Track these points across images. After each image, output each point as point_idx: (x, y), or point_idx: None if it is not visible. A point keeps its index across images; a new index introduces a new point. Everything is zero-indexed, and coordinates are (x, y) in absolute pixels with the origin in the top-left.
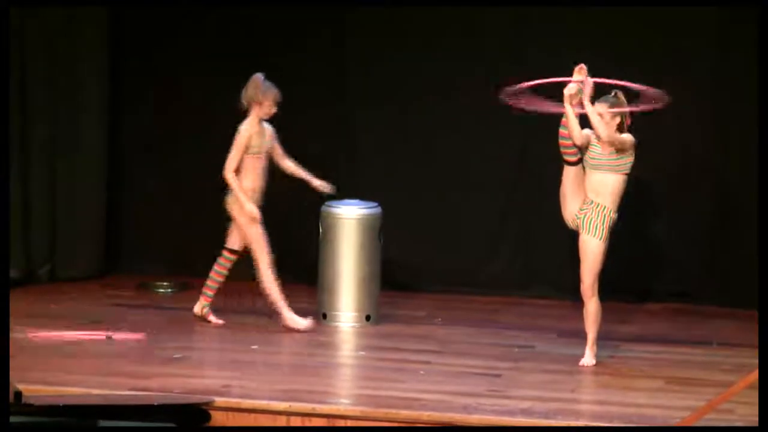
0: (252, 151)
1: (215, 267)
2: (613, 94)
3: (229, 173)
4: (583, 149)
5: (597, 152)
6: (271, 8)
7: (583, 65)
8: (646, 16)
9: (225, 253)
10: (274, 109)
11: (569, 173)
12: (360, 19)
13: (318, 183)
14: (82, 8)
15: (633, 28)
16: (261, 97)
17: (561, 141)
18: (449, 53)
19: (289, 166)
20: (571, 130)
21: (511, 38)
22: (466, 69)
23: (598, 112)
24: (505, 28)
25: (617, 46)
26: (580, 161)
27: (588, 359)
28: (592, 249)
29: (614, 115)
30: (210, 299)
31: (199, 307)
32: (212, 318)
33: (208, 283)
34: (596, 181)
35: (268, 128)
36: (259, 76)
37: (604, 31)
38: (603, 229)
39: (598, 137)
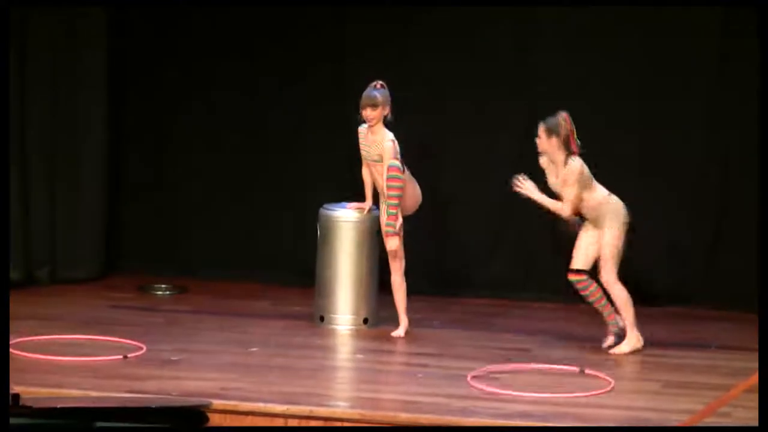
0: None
1: None
2: (555, 116)
3: None
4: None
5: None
6: (273, 9)
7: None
8: (645, 16)
9: None
10: (363, 113)
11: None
12: (361, 22)
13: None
14: (83, 9)
15: (632, 28)
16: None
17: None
18: (449, 54)
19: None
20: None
21: (512, 39)
22: (464, 69)
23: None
24: (507, 28)
25: (617, 45)
26: None
27: (632, 343)
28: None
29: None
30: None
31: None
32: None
33: None
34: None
35: (374, 135)
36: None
37: (603, 31)
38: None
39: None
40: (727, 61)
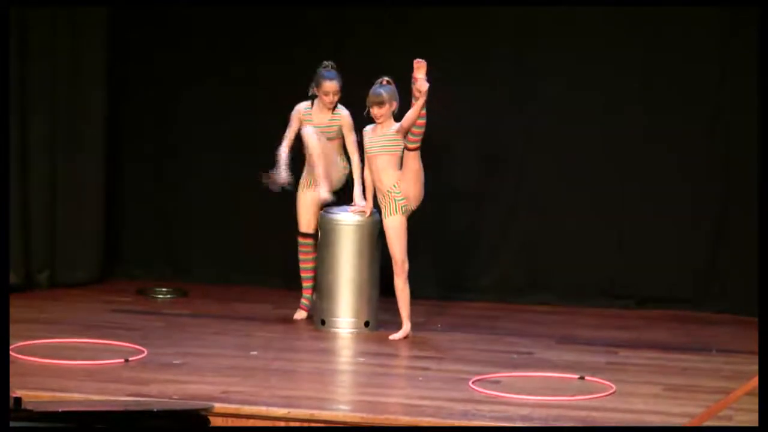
0: None
1: None
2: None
3: None
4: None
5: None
6: (273, 9)
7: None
8: (646, 17)
9: None
10: (372, 111)
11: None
12: (361, 21)
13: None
14: (83, 9)
15: (633, 28)
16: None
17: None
18: (448, 54)
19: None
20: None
21: (513, 39)
22: (463, 69)
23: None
24: (508, 27)
25: (617, 47)
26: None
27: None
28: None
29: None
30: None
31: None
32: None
33: None
34: None
35: (382, 129)
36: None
37: (603, 32)
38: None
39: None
40: (729, 64)
